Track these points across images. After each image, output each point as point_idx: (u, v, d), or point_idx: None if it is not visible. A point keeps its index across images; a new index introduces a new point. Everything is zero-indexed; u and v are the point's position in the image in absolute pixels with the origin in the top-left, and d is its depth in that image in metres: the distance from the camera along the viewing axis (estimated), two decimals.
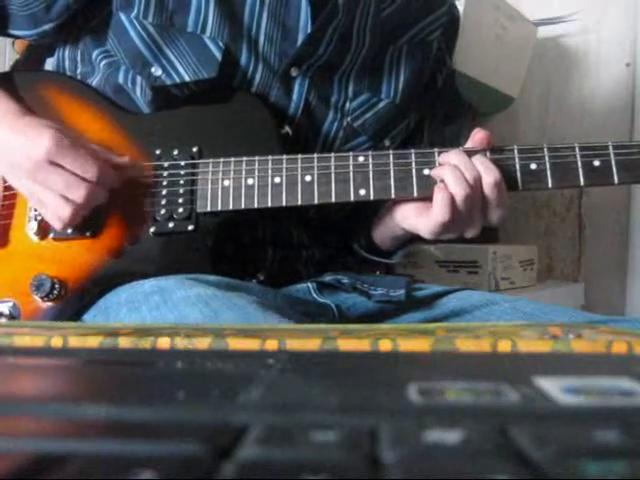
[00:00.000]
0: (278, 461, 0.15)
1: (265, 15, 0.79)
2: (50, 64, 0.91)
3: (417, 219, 0.74)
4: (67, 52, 0.86)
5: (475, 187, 0.70)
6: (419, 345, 0.30)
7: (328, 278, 0.80)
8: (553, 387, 0.21)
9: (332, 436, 0.16)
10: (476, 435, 0.16)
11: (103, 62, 0.81)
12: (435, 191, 0.71)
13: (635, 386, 0.21)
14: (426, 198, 0.72)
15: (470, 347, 0.30)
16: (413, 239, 0.82)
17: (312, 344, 0.30)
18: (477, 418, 0.18)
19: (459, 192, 0.69)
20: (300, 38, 0.79)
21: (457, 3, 1.16)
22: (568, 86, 1.64)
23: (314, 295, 0.78)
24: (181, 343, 0.31)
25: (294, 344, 0.30)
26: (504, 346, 0.30)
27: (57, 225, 0.72)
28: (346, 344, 0.30)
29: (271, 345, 0.30)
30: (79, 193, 0.69)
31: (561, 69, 1.65)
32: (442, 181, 0.71)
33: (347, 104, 0.83)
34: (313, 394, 0.22)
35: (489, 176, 0.70)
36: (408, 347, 0.30)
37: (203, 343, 0.31)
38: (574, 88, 1.63)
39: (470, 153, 0.72)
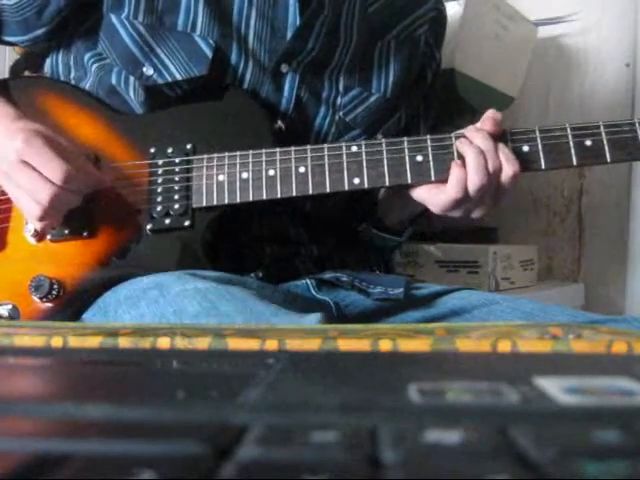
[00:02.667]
0: (278, 461, 0.15)
1: (254, 13, 0.79)
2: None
3: (428, 192, 0.74)
4: (60, 57, 0.86)
5: (493, 178, 0.71)
6: (419, 345, 0.30)
7: (327, 275, 0.80)
8: (553, 387, 0.21)
9: (332, 436, 0.16)
10: (476, 435, 0.16)
11: (95, 65, 0.82)
12: (453, 166, 0.71)
13: (635, 386, 0.21)
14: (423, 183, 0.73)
15: (470, 347, 0.30)
16: (421, 215, 0.82)
17: (312, 344, 0.30)
18: (477, 418, 0.18)
19: (477, 179, 0.70)
20: (289, 35, 0.80)
21: (457, 3, 1.16)
22: (568, 86, 1.64)
23: (313, 292, 0.78)
24: (181, 343, 0.31)
25: (294, 344, 0.30)
26: (504, 346, 0.30)
27: (35, 225, 0.74)
28: (346, 344, 0.30)
29: (271, 345, 0.30)
30: (44, 194, 0.69)
31: (561, 69, 1.65)
32: (462, 159, 0.71)
33: (338, 99, 0.84)
34: (313, 394, 0.22)
35: (509, 168, 0.71)
36: (408, 347, 0.30)
37: (203, 343, 0.31)
38: (574, 88, 1.63)
39: (495, 138, 0.72)
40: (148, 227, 0.75)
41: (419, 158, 0.73)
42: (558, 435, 0.17)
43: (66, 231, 0.75)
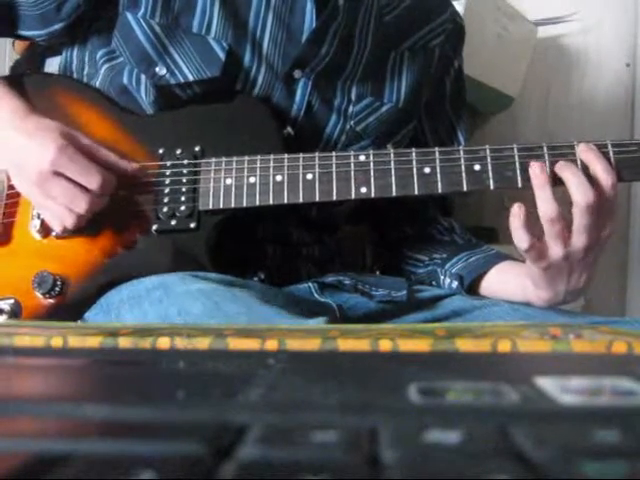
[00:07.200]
0: (278, 461, 0.15)
1: (270, 17, 0.79)
2: (50, 65, 0.91)
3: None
4: (75, 52, 0.86)
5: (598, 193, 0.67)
6: (419, 345, 0.30)
7: (330, 279, 0.80)
8: (553, 387, 0.21)
9: (332, 436, 0.16)
10: (476, 435, 0.16)
11: (106, 65, 0.82)
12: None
13: (635, 386, 0.21)
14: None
15: (470, 347, 0.30)
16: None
17: (312, 344, 0.30)
18: (477, 418, 0.18)
19: (582, 196, 0.66)
20: (304, 40, 0.80)
21: (457, 3, 1.16)
22: (568, 86, 1.64)
23: (316, 295, 0.78)
24: (181, 343, 0.31)
25: (294, 344, 0.30)
26: (504, 346, 0.30)
27: (58, 230, 0.74)
28: (346, 344, 0.30)
29: (271, 345, 0.30)
30: (82, 205, 0.70)
31: (561, 69, 1.65)
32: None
33: (350, 108, 0.84)
34: (313, 394, 0.22)
35: (608, 178, 0.68)
36: (408, 347, 0.30)
37: (203, 343, 0.31)
38: (574, 88, 1.63)
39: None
40: (154, 227, 0.75)
41: (427, 170, 0.72)
42: (558, 435, 0.17)
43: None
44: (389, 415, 0.19)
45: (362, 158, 0.74)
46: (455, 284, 0.83)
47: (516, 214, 0.66)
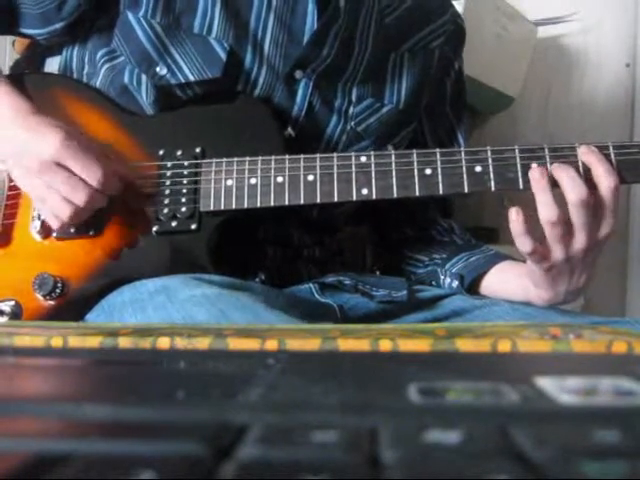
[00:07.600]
0: (278, 461, 0.15)
1: (272, 18, 0.79)
2: (50, 65, 0.91)
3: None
4: (75, 52, 0.86)
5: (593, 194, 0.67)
6: (419, 345, 0.30)
7: (330, 279, 0.80)
8: (553, 387, 0.21)
9: (332, 436, 0.16)
10: (476, 435, 0.16)
11: (106, 65, 0.82)
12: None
13: (635, 386, 0.21)
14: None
15: (470, 347, 0.30)
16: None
17: (312, 344, 0.30)
18: (477, 418, 0.18)
19: (575, 195, 0.66)
20: (305, 40, 0.80)
21: (457, 3, 1.16)
22: (568, 86, 1.64)
23: (316, 296, 0.78)
24: (181, 343, 0.31)
25: (294, 344, 0.30)
26: (504, 346, 0.30)
27: (54, 224, 0.73)
28: (346, 344, 0.30)
29: (271, 345, 0.30)
30: (81, 197, 0.70)
31: (561, 69, 1.65)
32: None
33: (351, 109, 0.84)
34: (313, 394, 0.22)
35: (608, 180, 0.68)
36: (408, 347, 0.30)
37: (203, 343, 0.31)
38: (574, 88, 1.63)
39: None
40: (154, 229, 0.75)
41: (428, 171, 0.72)
42: (558, 435, 0.17)
43: (72, 230, 0.75)
44: (389, 415, 0.19)
45: (363, 159, 0.73)
46: (455, 284, 0.83)
47: (515, 220, 0.66)
